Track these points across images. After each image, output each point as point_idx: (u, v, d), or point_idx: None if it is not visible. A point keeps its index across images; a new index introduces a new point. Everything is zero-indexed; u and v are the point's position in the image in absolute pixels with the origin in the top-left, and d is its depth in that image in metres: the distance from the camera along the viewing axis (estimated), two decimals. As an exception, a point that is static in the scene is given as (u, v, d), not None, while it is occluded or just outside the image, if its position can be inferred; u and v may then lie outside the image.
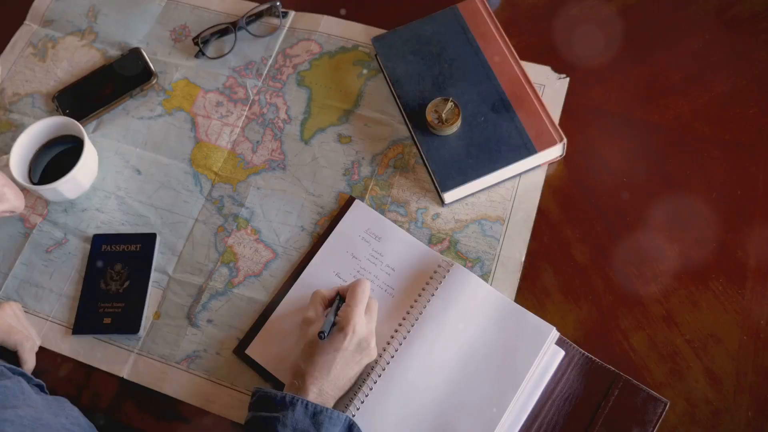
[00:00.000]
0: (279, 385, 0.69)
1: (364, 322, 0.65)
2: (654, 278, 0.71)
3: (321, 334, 0.62)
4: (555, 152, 0.77)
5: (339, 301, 0.67)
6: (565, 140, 0.75)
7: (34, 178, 0.82)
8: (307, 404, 0.61)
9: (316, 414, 0.60)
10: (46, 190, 0.79)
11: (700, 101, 0.80)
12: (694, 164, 0.76)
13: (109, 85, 0.89)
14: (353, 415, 0.66)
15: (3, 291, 0.79)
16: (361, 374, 0.67)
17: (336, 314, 0.65)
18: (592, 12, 0.87)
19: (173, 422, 0.70)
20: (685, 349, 0.67)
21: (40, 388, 0.66)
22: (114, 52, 0.92)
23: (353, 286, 0.66)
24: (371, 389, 0.67)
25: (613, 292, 0.71)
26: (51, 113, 0.89)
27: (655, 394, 0.65)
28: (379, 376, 0.67)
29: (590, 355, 0.67)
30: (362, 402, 0.66)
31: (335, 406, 0.65)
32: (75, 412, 0.63)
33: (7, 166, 0.78)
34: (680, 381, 0.66)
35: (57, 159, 0.84)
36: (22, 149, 0.81)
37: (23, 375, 0.64)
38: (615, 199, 0.75)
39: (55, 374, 0.73)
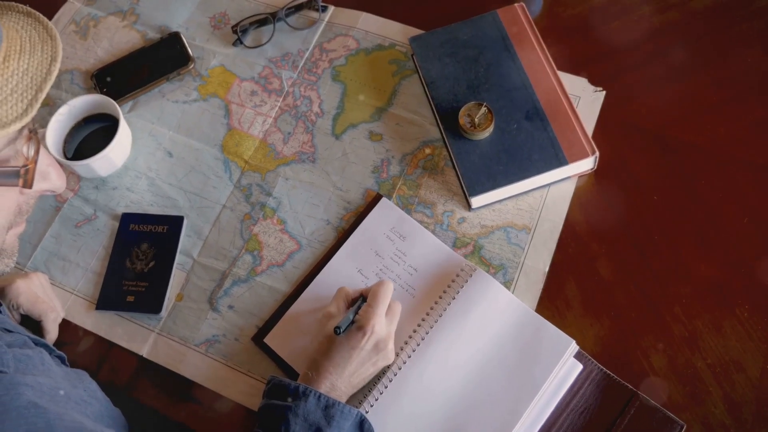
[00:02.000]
0: (295, 375, 0.69)
1: (383, 323, 0.65)
2: (678, 299, 0.70)
3: (337, 329, 0.63)
4: (586, 165, 0.77)
5: (362, 301, 0.67)
6: (597, 153, 0.75)
7: (68, 153, 0.84)
8: (319, 396, 0.61)
9: (328, 407, 0.61)
10: (80, 166, 0.80)
11: (736, 124, 0.78)
12: (727, 187, 0.75)
13: (146, 67, 0.90)
14: (366, 412, 0.66)
15: (31, 262, 0.80)
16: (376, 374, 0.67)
17: (357, 313, 0.65)
18: (633, 27, 0.86)
19: (187, 404, 0.71)
20: (705, 373, 0.66)
21: (61, 359, 0.67)
22: (153, 35, 0.93)
23: (376, 287, 0.67)
24: (386, 387, 0.67)
25: (635, 309, 0.70)
26: (89, 91, 0.91)
27: (672, 416, 0.64)
28: (395, 375, 0.67)
29: (608, 371, 0.66)
30: (376, 399, 0.67)
31: (347, 403, 0.65)
32: (93, 385, 0.63)
33: (42, 140, 0.80)
34: (698, 405, 0.65)
35: (92, 136, 0.85)
36: (58, 124, 0.83)
37: (45, 347, 0.65)
38: (644, 216, 0.74)
39: (76, 347, 0.75)
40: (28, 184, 0.52)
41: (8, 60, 0.48)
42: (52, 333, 0.73)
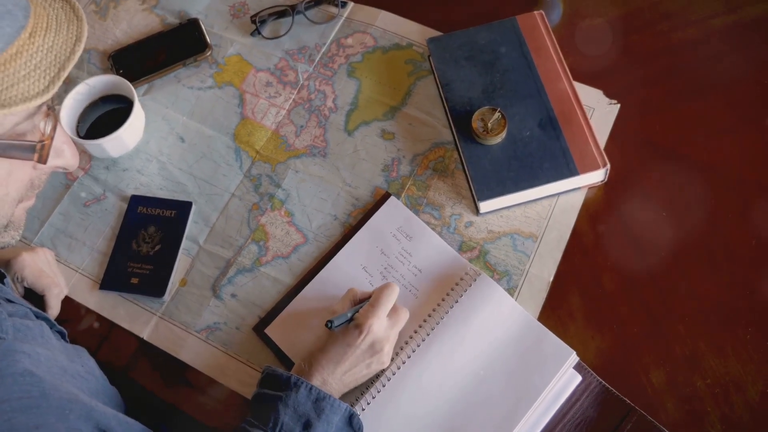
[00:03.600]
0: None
1: (383, 325, 0.65)
2: (682, 317, 0.70)
3: (329, 323, 0.62)
4: (597, 177, 0.77)
5: (367, 302, 0.67)
6: (608, 166, 0.75)
7: (81, 132, 0.84)
8: (311, 388, 0.61)
9: (318, 400, 0.61)
10: (92, 146, 0.81)
11: (750, 146, 0.78)
12: (737, 208, 0.75)
13: (164, 52, 0.90)
14: (363, 409, 0.66)
15: (38, 237, 0.81)
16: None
17: (357, 312, 0.65)
18: (651, 41, 0.86)
19: (184, 388, 0.71)
20: (704, 393, 0.66)
21: (62, 335, 0.67)
22: (173, 20, 0.94)
23: (380, 288, 0.67)
24: (384, 386, 0.67)
25: (638, 324, 0.70)
26: (105, 71, 0.91)
27: (669, 433, 0.64)
28: (394, 374, 0.67)
29: (607, 385, 0.66)
30: (373, 397, 0.67)
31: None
32: (91, 362, 0.64)
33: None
34: (696, 424, 0.65)
35: (105, 116, 0.85)
36: (73, 102, 0.83)
37: (47, 320, 0.65)
38: (652, 232, 0.74)
39: (77, 325, 0.75)
40: (42, 160, 0.53)
41: (34, 36, 0.48)
42: (54, 308, 0.73)
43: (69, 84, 0.88)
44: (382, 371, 0.67)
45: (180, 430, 0.71)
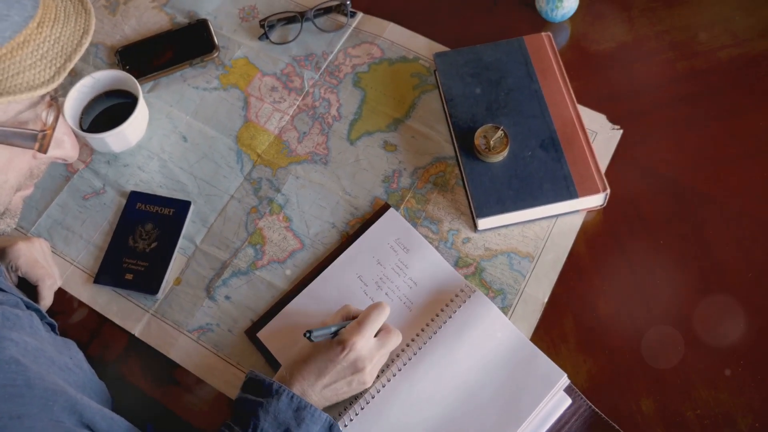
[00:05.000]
0: (283, 374, 0.69)
1: (367, 344, 0.64)
2: (674, 346, 0.70)
3: (307, 333, 0.61)
4: (596, 201, 0.77)
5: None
6: (608, 190, 0.75)
7: (84, 125, 0.84)
8: (292, 396, 0.61)
9: (299, 409, 0.60)
10: (94, 139, 0.81)
11: (751, 179, 0.79)
12: (736, 240, 0.75)
13: (171, 50, 0.91)
14: (351, 420, 0.65)
15: (35, 228, 0.80)
16: None
17: (342, 327, 0.65)
18: (657, 69, 0.87)
19: (173, 387, 0.71)
20: (693, 424, 0.66)
21: (52, 327, 0.67)
22: (182, 19, 0.94)
23: (370, 307, 0.66)
24: (373, 397, 0.67)
25: (631, 351, 0.70)
26: (111, 66, 0.91)
27: (655, 462, 0.64)
28: (383, 386, 0.67)
29: (597, 409, 0.66)
30: (362, 408, 0.66)
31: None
32: (80, 355, 0.63)
33: (61, 108, 0.80)
34: (683, 454, 0.65)
35: (109, 111, 0.85)
36: (78, 95, 0.83)
37: (38, 311, 0.64)
38: (648, 259, 0.74)
39: (69, 318, 0.74)
40: (43, 149, 0.53)
41: (42, 26, 0.48)
42: (47, 299, 0.73)
43: (75, 77, 0.88)
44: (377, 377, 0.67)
45: (165, 428, 0.70)
